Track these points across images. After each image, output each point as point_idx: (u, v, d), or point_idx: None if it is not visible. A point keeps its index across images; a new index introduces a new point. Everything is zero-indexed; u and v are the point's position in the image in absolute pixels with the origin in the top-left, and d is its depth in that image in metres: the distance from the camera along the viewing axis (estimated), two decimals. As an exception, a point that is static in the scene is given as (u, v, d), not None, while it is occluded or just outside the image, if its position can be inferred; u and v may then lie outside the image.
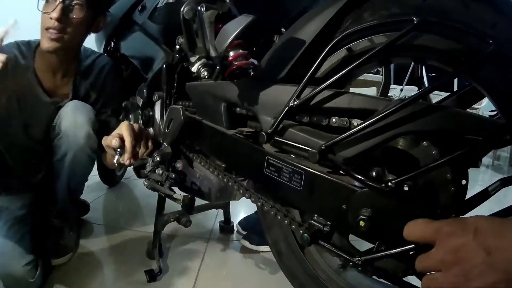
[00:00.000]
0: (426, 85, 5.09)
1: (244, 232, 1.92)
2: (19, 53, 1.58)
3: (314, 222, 0.87)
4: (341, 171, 0.81)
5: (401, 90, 4.82)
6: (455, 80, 3.88)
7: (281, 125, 0.89)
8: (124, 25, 1.79)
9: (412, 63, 0.91)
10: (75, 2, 1.45)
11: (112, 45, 1.98)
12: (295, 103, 0.86)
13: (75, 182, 1.67)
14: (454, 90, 0.94)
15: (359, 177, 0.76)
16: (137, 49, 1.68)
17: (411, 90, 4.59)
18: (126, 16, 1.76)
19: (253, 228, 1.88)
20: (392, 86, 5.00)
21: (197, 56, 0.96)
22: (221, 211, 2.05)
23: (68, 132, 1.51)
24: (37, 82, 1.59)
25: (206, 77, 0.95)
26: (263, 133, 0.90)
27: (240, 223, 2.01)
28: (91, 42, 1.99)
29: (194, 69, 0.96)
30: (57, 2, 1.41)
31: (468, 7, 0.75)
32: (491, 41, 0.69)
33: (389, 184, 0.72)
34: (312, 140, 0.84)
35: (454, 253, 0.57)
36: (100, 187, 2.56)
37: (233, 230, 2.03)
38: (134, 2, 1.70)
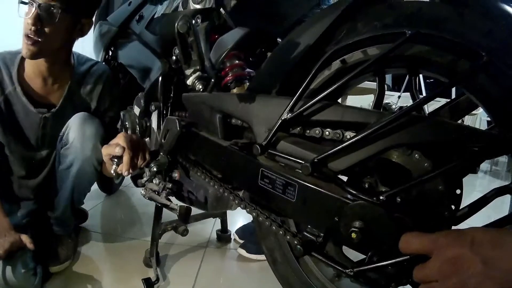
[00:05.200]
0: (423, 92, 5.11)
1: (241, 241, 1.93)
2: (2, 62, 1.59)
3: (307, 234, 0.88)
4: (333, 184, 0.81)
5: (399, 97, 4.81)
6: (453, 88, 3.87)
7: (275, 138, 0.90)
8: (122, 34, 1.80)
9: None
10: (51, 6, 1.42)
11: (109, 54, 1.99)
12: (288, 116, 0.87)
13: (79, 192, 1.68)
14: (452, 97, 0.95)
15: (351, 190, 0.76)
16: (134, 59, 1.69)
17: (409, 97, 4.59)
18: (124, 25, 1.77)
19: (250, 237, 1.89)
20: (390, 93, 5.01)
21: (192, 69, 0.97)
22: (218, 220, 2.05)
23: (75, 143, 1.53)
24: (22, 91, 1.60)
25: (201, 90, 0.96)
26: (257, 145, 0.90)
27: (237, 232, 2.02)
28: (89, 50, 2.01)
29: (189, 82, 0.97)
30: (34, 7, 1.40)
31: (463, 15, 0.75)
32: (483, 53, 0.70)
33: (381, 197, 0.73)
34: (305, 153, 0.85)
35: (451, 263, 0.58)
36: (98, 195, 2.57)
37: (230, 239, 2.03)
38: (131, 11, 1.71)
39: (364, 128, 0.77)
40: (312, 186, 0.82)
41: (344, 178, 0.84)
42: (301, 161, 0.83)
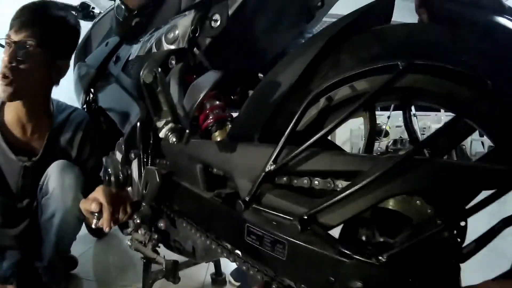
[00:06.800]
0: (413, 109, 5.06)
1: (237, 284, 1.88)
2: None
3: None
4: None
5: (388, 117, 4.77)
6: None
7: (259, 191, 0.82)
8: (100, 76, 1.74)
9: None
10: (26, 43, 1.43)
11: (90, 97, 1.92)
12: (272, 168, 0.79)
13: (63, 242, 1.63)
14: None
15: (346, 251, 0.68)
16: (113, 102, 1.63)
17: (399, 115, 4.58)
18: (102, 67, 1.72)
19: (246, 279, 1.81)
20: (379, 112, 4.97)
21: (164, 121, 0.89)
22: (211, 263, 1.98)
23: (55, 193, 1.49)
24: (3, 137, 1.57)
25: (175, 142, 0.89)
26: (240, 201, 0.83)
27: (232, 274, 1.95)
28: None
29: (161, 135, 0.90)
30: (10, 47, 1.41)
31: (455, 36, 0.70)
32: (488, 82, 0.64)
33: (380, 258, 0.65)
34: (293, 207, 0.77)
35: None
36: (88, 239, 2.49)
37: (225, 282, 1.96)
38: (108, 52, 1.67)
39: (357, 176, 0.69)
40: (303, 244, 0.74)
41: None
42: (289, 218, 0.75)
